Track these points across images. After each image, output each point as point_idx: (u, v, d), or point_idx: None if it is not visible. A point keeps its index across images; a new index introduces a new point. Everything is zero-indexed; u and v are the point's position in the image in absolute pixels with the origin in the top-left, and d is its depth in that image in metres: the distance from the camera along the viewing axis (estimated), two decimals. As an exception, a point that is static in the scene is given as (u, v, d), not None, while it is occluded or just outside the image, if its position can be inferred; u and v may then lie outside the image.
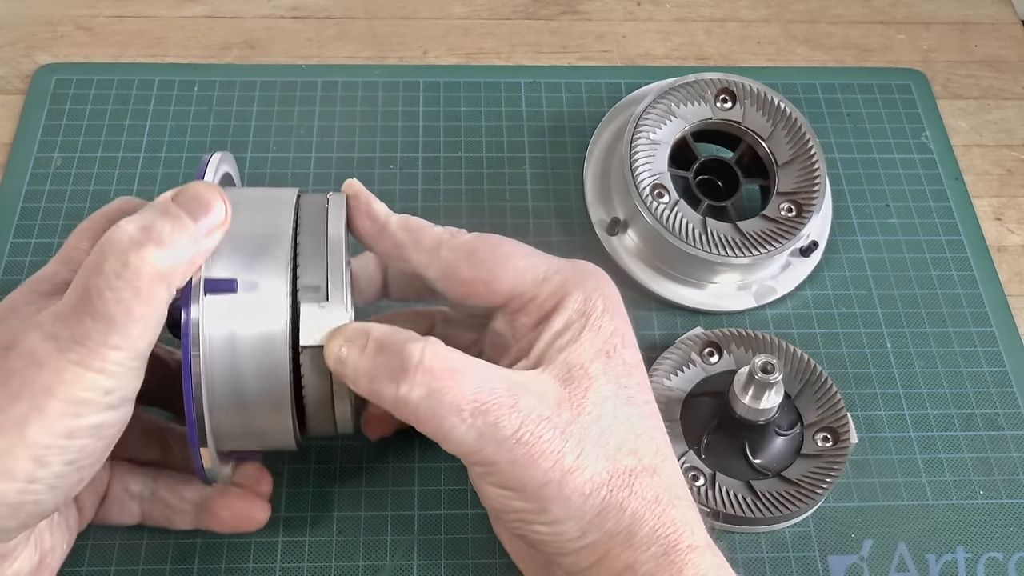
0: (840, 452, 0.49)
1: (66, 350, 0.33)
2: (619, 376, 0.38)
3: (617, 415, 0.37)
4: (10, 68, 0.65)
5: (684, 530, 0.36)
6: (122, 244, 0.34)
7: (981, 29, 0.71)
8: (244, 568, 0.47)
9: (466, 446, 0.36)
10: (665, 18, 0.71)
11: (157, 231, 0.34)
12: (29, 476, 0.34)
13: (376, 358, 0.36)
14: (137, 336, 0.34)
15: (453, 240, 0.41)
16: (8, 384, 0.33)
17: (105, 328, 0.33)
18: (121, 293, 0.33)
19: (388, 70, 0.65)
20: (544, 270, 0.40)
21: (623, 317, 0.40)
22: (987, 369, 0.55)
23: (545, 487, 0.36)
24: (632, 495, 0.36)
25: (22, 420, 0.33)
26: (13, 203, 0.58)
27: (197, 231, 0.35)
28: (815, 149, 0.56)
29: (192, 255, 0.35)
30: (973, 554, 0.49)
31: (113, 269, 0.33)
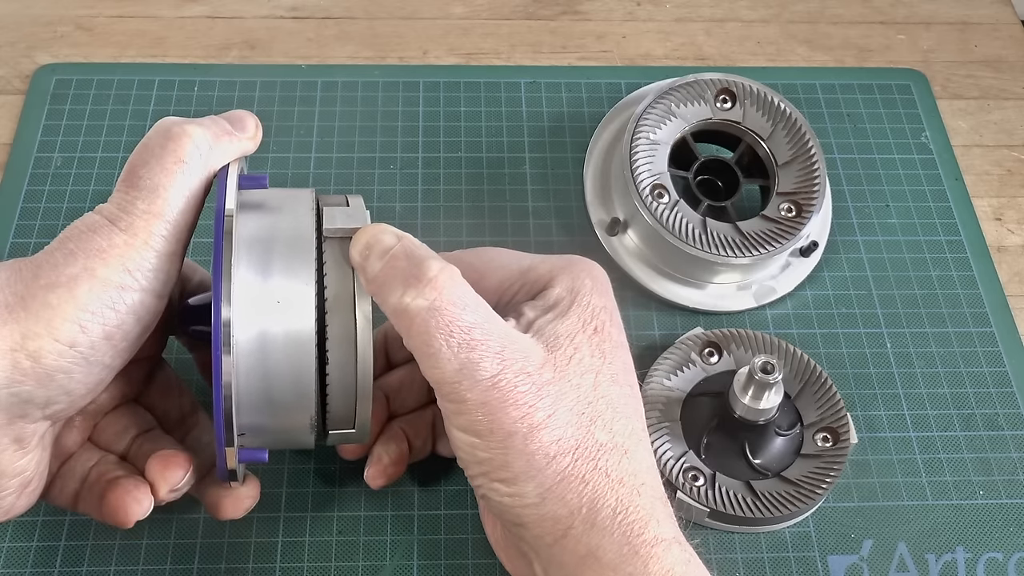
0: (840, 452, 0.49)
1: (115, 219, 0.36)
2: (605, 352, 0.39)
3: (597, 388, 0.38)
4: (10, 68, 0.65)
5: (649, 520, 0.36)
6: (166, 124, 0.38)
7: (981, 29, 0.71)
8: (244, 568, 0.47)
9: (445, 374, 0.36)
10: (665, 18, 0.71)
11: (199, 121, 0.39)
12: (71, 339, 0.35)
13: (397, 261, 0.37)
14: (176, 204, 0.37)
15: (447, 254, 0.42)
16: (64, 247, 0.36)
17: (149, 196, 0.36)
18: (165, 160, 0.37)
19: (388, 70, 0.65)
20: (530, 262, 0.42)
21: (611, 299, 0.41)
22: (987, 369, 0.55)
23: (511, 437, 0.36)
24: (596, 469, 0.36)
25: (74, 279, 0.35)
26: (13, 203, 0.58)
27: (230, 129, 0.40)
28: (815, 149, 0.56)
29: (227, 145, 0.39)
30: (973, 554, 0.49)
31: (157, 142, 0.37)
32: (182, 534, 0.47)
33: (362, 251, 0.38)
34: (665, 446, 0.49)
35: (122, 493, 0.40)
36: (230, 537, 0.47)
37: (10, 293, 0.35)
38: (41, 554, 0.46)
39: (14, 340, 0.34)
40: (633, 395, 0.40)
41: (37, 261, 0.36)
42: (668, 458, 0.49)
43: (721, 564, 0.48)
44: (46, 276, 0.35)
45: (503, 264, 0.42)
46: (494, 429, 0.36)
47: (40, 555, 0.46)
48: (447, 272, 0.37)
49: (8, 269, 0.36)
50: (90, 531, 0.47)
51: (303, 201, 0.40)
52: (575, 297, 0.40)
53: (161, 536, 0.47)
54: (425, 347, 0.36)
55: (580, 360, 0.38)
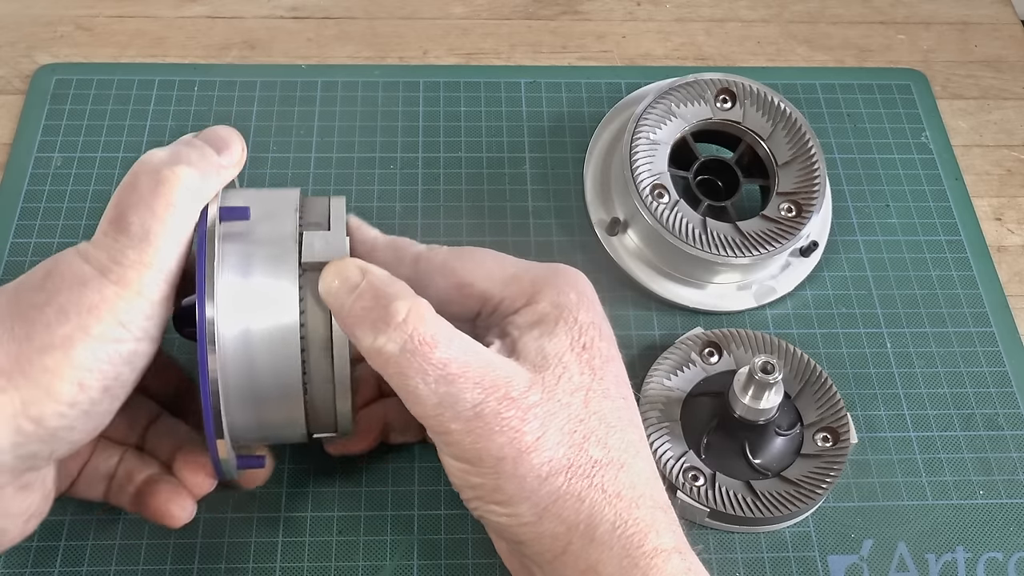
0: (840, 452, 0.49)
1: (106, 271, 0.35)
2: (595, 368, 0.38)
3: (589, 405, 0.37)
4: (10, 68, 0.65)
5: (648, 531, 0.36)
6: (154, 163, 0.37)
7: (981, 29, 0.71)
8: (244, 568, 0.47)
9: (426, 409, 0.36)
10: (665, 18, 0.71)
11: (185, 155, 0.38)
12: (71, 399, 0.35)
13: (364, 301, 0.37)
14: (169, 252, 0.36)
15: (432, 253, 0.42)
16: (54, 302, 0.35)
17: (140, 244, 0.36)
18: (155, 204, 0.36)
19: (388, 70, 0.65)
20: (514, 271, 0.41)
21: (599, 312, 0.40)
22: (987, 369, 0.55)
23: (500, 462, 0.36)
24: (592, 486, 0.36)
25: (68, 339, 0.34)
26: (13, 203, 0.58)
27: (218, 161, 0.38)
28: (815, 149, 0.56)
29: (215, 177, 0.38)
30: (973, 554, 0.49)
31: (147, 186, 0.36)
32: (182, 534, 0.47)
33: (328, 288, 0.38)
34: (665, 446, 0.49)
35: (164, 500, 0.41)
36: (230, 537, 0.47)
37: (3, 356, 0.34)
38: (41, 554, 0.46)
39: (15, 407, 0.34)
40: (628, 407, 0.39)
41: (27, 316, 0.35)
42: (668, 458, 0.49)
43: (721, 564, 0.48)
44: (40, 337, 0.34)
45: (487, 273, 0.41)
46: (483, 456, 0.36)
47: (40, 555, 0.46)
48: (416, 312, 0.36)
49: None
50: (90, 531, 0.47)
51: (288, 203, 0.40)
52: (561, 313, 0.39)
53: (161, 536, 0.47)
54: (403, 387, 0.37)
55: (569, 378, 0.38)
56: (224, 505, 0.48)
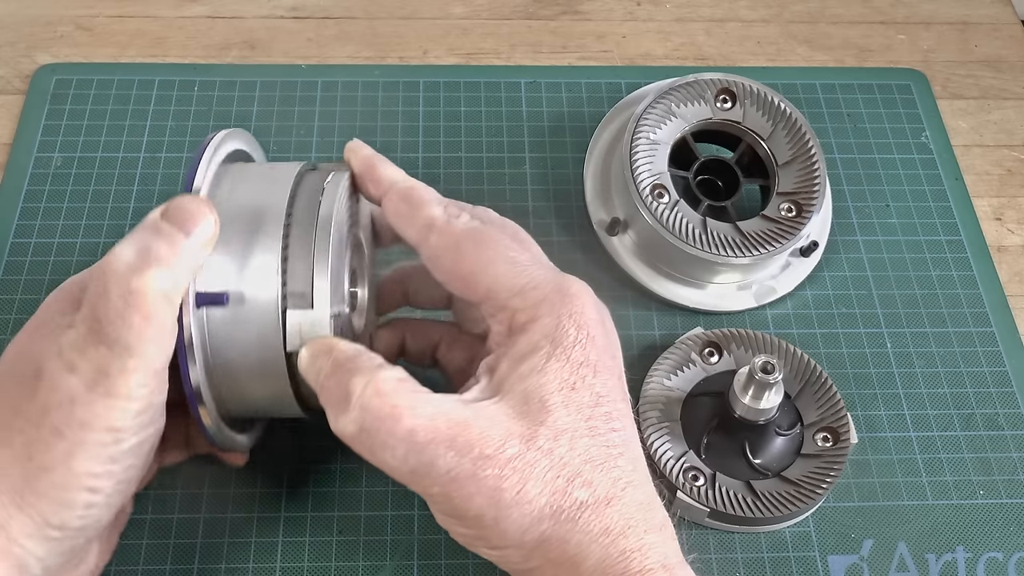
0: (840, 452, 0.49)
1: (93, 384, 0.35)
2: (582, 407, 0.37)
3: (574, 447, 0.36)
4: (10, 68, 0.65)
5: (634, 557, 0.36)
6: (122, 271, 0.35)
7: (981, 29, 0.71)
8: (244, 568, 0.47)
9: (402, 477, 0.37)
10: (665, 18, 0.71)
11: (154, 252, 0.35)
12: (86, 503, 0.36)
13: (328, 380, 0.37)
14: (154, 355, 0.35)
15: (446, 227, 0.40)
16: (46, 422, 0.35)
17: (123, 354, 0.35)
18: (131, 318, 0.34)
19: (388, 70, 0.65)
20: (524, 283, 0.39)
21: (598, 344, 0.38)
22: (987, 369, 0.55)
23: (481, 519, 0.36)
24: (577, 529, 0.36)
25: (68, 456, 0.35)
26: (13, 203, 0.58)
27: (190, 246, 0.36)
28: (815, 149, 0.56)
29: (189, 269, 0.36)
30: (973, 554, 0.49)
31: (119, 296, 0.34)
32: (182, 534, 0.47)
33: (303, 370, 0.38)
34: (665, 446, 0.49)
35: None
36: (230, 537, 0.47)
37: (13, 477, 0.35)
38: (41, 554, 0.46)
39: (36, 523, 0.35)
40: (617, 441, 0.38)
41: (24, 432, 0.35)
42: (668, 458, 0.49)
43: (721, 564, 0.48)
44: (39, 457, 0.35)
45: (496, 275, 0.39)
46: (464, 515, 0.36)
47: (40, 555, 0.46)
48: (372, 387, 0.36)
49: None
50: (90, 531, 0.47)
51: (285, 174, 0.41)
52: (555, 349, 0.37)
53: (161, 536, 0.47)
54: (375, 462, 0.37)
55: (553, 422, 0.36)
56: (224, 505, 0.48)
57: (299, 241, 0.39)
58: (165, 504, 0.48)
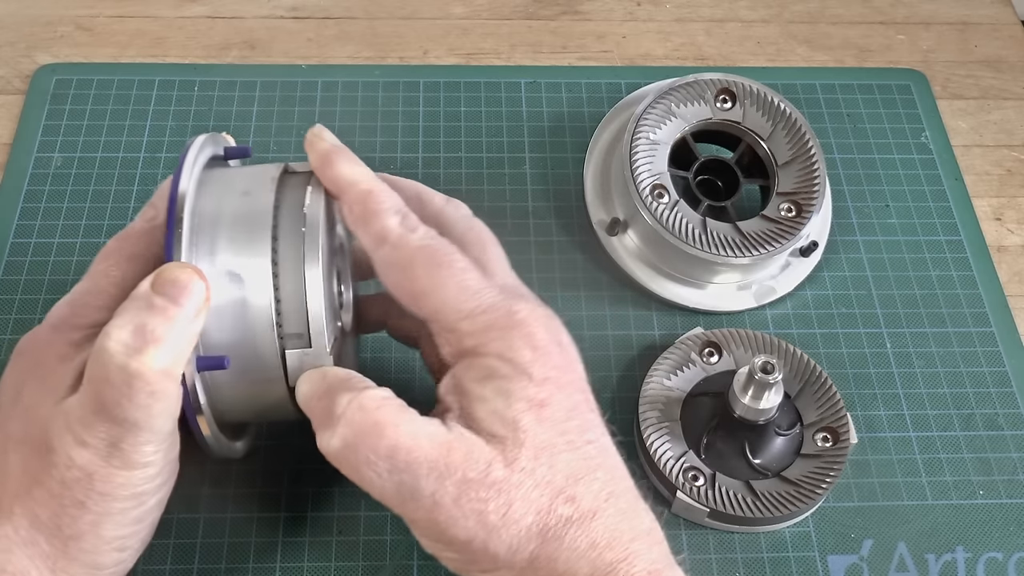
0: (840, 452, 0.49)
1: (108, 457, 0.35)
2: (556, 423, 0.37)
3: (554, 464, 0.36)
4: (10, 68, 0.65)
5: (620, 568, 0.36)
6: (119, 357, 0.34)
7: (981, 29, 0.71)
8: (244, 568, 0.47)
9: (386, 499, 0.37)
10: (665, 18, 0.71)
11: (150, 330, 0.35)
12: (116, 560, 0.38)
13: (319, 403, 0.37)
14: (162, 425, 0.36)
15: (399, 241, 0.39)
16: (67, 496, 0.36)
17: (133, 430, 0.35)
18: (137, 399, 0.35)
19: (388, 70, 0.65)
20: (472, 307, 0.38)
21: (555, 362, 0.38)
22: (987, 369, 0.55)
23: (469, 543, 0.36)
24: (563, 547, 0.36)
25: (95, 525, 0.36)
26: (13, 203, 0.58)
27: (185, 316, 0.36)
28: (815, 149, 0.56)
29: (188, 341, 0.36)
30: (973, 554, 0.49)
31: (121, 380, 0.34)
32: (182, 534, 0.47)
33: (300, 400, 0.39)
34: (665, 446, 0.49)
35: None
36: (230, 537, 0.47)
37: (43, 545, 0.36)
38: (41, 554, 0.46)
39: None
40: (596, 452, 0.38)
41: (48, 506, 0.36)
42: (668, 458, 0.49)
43: (721, 564, 0.48)
44: (67, 527, 0.36)
45: (444, 298, 0.38)
46: (451, 540, 0.36)
47: (40, 555, 0.46)
48: (356, 403, 0.36)
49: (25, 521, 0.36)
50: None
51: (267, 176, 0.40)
52: (514, 370, 0.37)
53: (161, 536, 0.47)
54: (359, 481, 0.37)
55: (531, 443, 0.36)
56: (224, 505, 0.48)
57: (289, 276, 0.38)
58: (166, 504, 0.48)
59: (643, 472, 0.50)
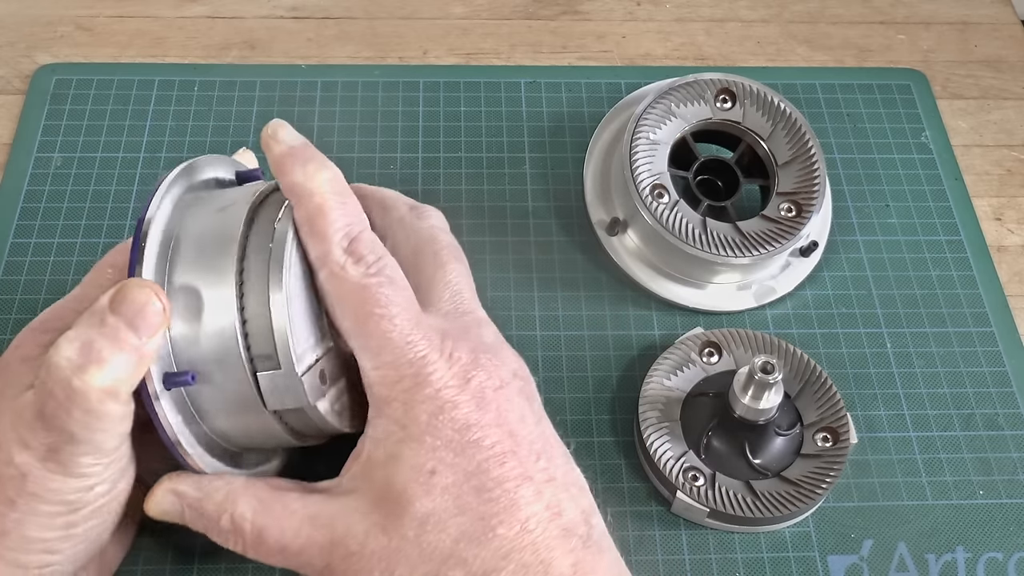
0: (840, 452, 0.49)
1: (44, 459, 0.35)
2: (447, 489, 0.36)
3: (444, 528, 0.36)
4: (10, 68, 0.65)
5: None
6: (63, 371, 0.34)
7: (981, 29, 0.71)
8: (244, 568, 0.47)
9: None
10: (665, 18, 0.71)
11: (96, 350, 0.34)
12: (42, 562, 0.37)
13: (195, 522, 0.40)
14: (103, 440, 0.36)
15: (337, 272, 0.38)
16: (1, 491, 0.36)
17: (71, 441, 0.35)
18: (74, 414, 0.34)
19: (388, 70, 0.65)
20: (388, 360, 0.37)
21: (460, 418, 0.37)
22: (987, 369, 0.55)
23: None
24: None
25: (21, 523, 0.36)
26: (13, 203, 0.58)
27: (136, 341, 0.35)
28: (815, 149, 0.56)
29: (135, 364, 0.35)
30: (973, 554, 0.49)
31: (62, 394, 0.34)
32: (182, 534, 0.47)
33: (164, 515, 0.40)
34: (665, 446, 0.49)
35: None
36: (230, 537, 0.47)
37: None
38: (41, 554, 0.46)
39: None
40: (501, 506, 0.36)
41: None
42: (668, 458, 0.49)
43: (721, 564, 0.48)
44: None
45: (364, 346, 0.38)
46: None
47: (40, 555, 0.46)
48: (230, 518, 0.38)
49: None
50: (90, 531, 0.47)
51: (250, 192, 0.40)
52: (406, 436, 0.37)
53: (161, 536, 0.47)
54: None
55: (415, 511, 0.36)
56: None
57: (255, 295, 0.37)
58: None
59: (643, 472, 0.50)
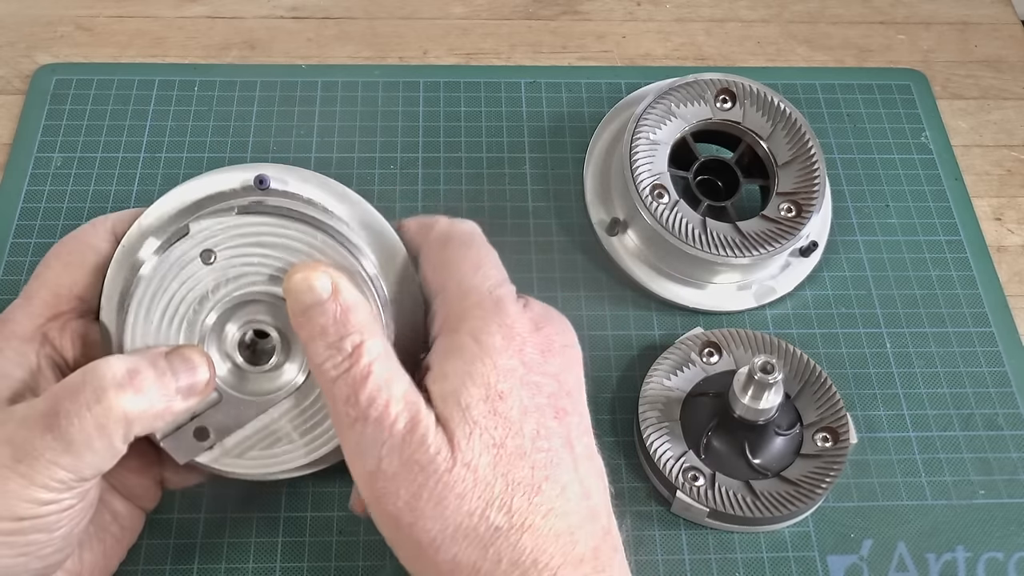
0: (840, 452, 0.49)
1: (18, 460, 0.35)
2: (510, 421, 0.36)
3: (497, 466, 0.35)
4: (10, 68, 0.65)
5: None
6: (105, 380, 0.35)
7: (981, 29, 0.71)
8: (244, 568, 0.47)
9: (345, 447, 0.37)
10: (665, 18, 0.71)
11: (141, 379, 0.36)
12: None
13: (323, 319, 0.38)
14: (87, 464, 0.35)
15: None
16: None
17: (62, 448, 0.35)
18: (86, 423, 0.35)
19: (388, 70, 0.65)
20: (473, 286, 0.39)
21: (529, 357, 0.37)
22: (986, 369, 0.55)
23: (397, 521, 0.36)
24: (487, 557, 0.35)
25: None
26: (13, 203, 0.58)
27: (175, 390, 0.37)
28: (815, 149, 0.56)
29: (162, 409, 0.36)
30: (973, 554, 0.49)
31: (89, 399, 0.35)
32: (182, 534, 0.47)
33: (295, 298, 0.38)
34: (665, 446, 0.49)
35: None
36: (230, 537, 0.47)
37: None
38: (41, 554, 0.46)
39: None
40: (548, 460, 0.36)
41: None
42: (668, 458, 0.49)
43: (721, 564, 0.48)
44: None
45: (457, 286, 0.39)
46: (381, 512, 0.36)
47: (40, 555, 0.46)
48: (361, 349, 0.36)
49: None
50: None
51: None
52: (480, 351, 0.37)
53: (161, 536, 0.47)
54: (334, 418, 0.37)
55: (480, 438, 0.35)
56: (224, 505, 0.48)
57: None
58: (165, 504, 0.48)
59: (643, 472, 0.50)
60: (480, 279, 0.39)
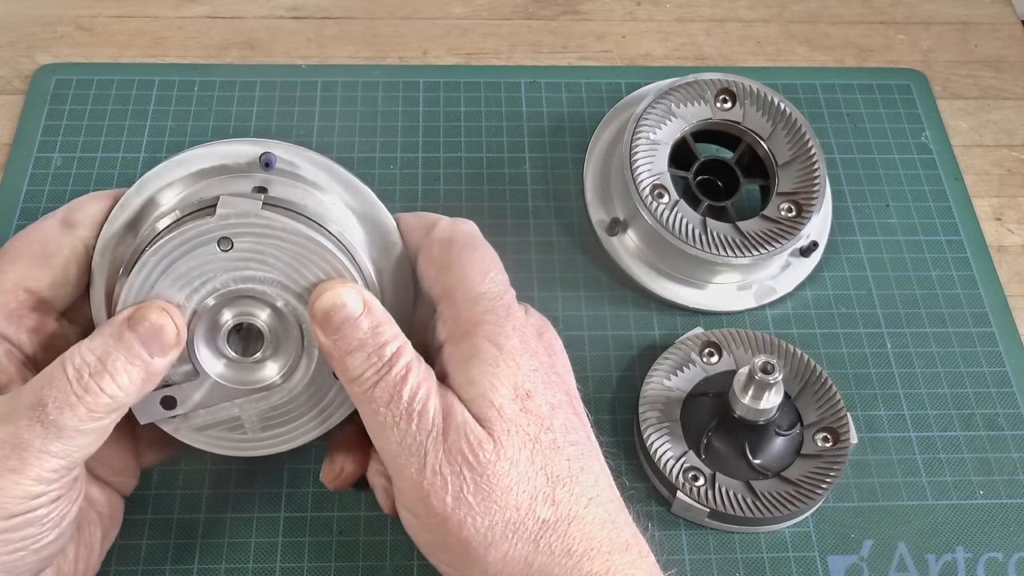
0: (840, 452, 0.49)
1: (5, 456, 0.35)
2: (541, 417, 0.37)
3: (535, 461, 0.36)
4: (10, 68, 0.65)
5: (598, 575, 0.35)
6: (76, 366, 0.35)
7: (981, 29, 0.71)
8: (244, 568, 0.47)
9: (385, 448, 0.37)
10: (665, 18, 0.71)
11: (112, 362, 0.36)
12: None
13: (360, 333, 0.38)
14: (78, 447, 0.36)
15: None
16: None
17: (52, 436, 0.35)
18: (77, 410, 0.35)
19: (388, 70, 0.65)
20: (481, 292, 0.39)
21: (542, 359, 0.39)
22: (987, 369, 0.55)
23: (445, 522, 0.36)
24: (539, 550, 0.36)
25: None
26: (13, 203, 0.58)
27: (148, 360, 0.37)
28: (815, 149, 0.56)
29: (143, 380, 0.37)
30: (973, 554, 0.49)
31: (73, 389, 0.35)
32: (182, 534, 0.47)
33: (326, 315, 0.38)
34: (665, 446, 0.49)
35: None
36: (230, 537, 0.47)
37: None
38: (41, 554, 0.46)
39: None
40: (579, 452, 0.38)
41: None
42: (668, 458, 0.49)
43: (721, 564, 0.48)
44: None
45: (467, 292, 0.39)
46: (427, 513, 0.36)
47: (40, 555, 0.46)
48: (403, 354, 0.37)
49: None
50: (90, 531, 0.47)
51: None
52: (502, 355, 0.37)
53: (161, 536, 0.47)
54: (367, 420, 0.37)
55: (517, 433, 0.36)
56: (224, 505, 0.48)
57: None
58: (165, 504, 0.48)
59: (643, 472, 0.50)
60: (488, 285, 0.40)
